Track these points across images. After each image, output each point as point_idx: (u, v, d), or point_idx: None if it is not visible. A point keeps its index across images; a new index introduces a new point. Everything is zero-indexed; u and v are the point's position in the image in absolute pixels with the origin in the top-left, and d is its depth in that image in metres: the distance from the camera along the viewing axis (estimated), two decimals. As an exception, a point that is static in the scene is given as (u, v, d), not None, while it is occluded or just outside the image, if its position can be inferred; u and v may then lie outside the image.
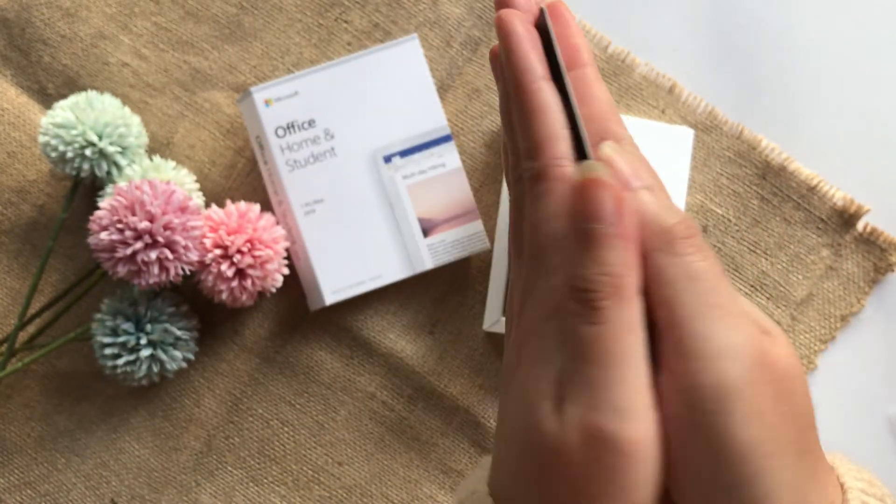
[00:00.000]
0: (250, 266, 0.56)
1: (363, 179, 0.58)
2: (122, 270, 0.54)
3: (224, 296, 0.57)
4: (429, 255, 0.58)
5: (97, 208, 0.57)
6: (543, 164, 0.32)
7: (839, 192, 0.62)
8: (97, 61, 0.63)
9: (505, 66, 0.37)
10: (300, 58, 0.63)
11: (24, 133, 0.63)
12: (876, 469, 0.63)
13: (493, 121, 0.63)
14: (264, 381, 0.62)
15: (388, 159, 0.58)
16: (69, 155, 0.57)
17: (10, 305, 0.62)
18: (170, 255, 0.54)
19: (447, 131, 0.59)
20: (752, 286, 0.62)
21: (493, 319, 0.59)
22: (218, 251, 0.56)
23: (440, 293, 0.62)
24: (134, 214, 0.54)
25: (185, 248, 0.55)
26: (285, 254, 0.58)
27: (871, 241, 0.62)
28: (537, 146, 0.32)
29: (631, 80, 0.63)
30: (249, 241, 0.56)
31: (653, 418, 0.27)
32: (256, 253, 0.56)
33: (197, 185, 0.61)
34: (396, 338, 0.62)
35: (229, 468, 0.62)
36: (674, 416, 0.27)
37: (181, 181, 0.60)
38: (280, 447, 0.62)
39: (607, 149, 0.32)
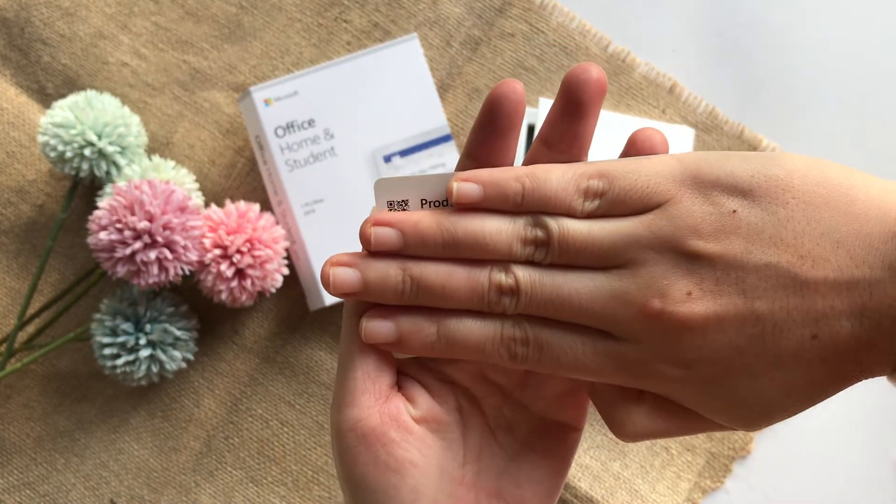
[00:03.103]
0: (250, 266, 0.56)
1: (363, 179, 0.58)
2: (121, 270, 0.54)
3: (224, 296, 0.57)
4: (429, 254, 0.58)
5: (96, 208, 0.57)
6: None
7: (839, 191, 0.62)
8: (96, 61, 0.63)
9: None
10: (300, 57, 0.63)
11: (24, 133, 0.63)
12: None
13: (493, 120, 0.63)
14: (264, 381, 0.62)
15: (387, 159, 0.58)
16: (68, 155, 0.57)
17: (10, 305, 0.62)
18: (169, 255, 0.54)
19: (447, 131, 0.59)
20: (752, 286, 0.62)
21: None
22: (217, 251, 0.56)
23: (440, 293, 0.62)
24: (133, 214, 0.53)
25: (185, 247, 0.55)
26: (285, 254, 0.58)
27: (871, 241, 0.62)
28: None
29: (631, 80, 0.63)
30: (249, 241, 0.56)
31: (371, 404, 0.33)
32: (256, 253, 0.56)
33: (196, 185, 0.61)
34: (396, 338, 0.62)
35: (229, 469, 0.62)
36: None
37: (181, 181, 0.59)
38: (280, 447, 0.62)
39: None
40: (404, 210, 0.33)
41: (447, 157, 0.58)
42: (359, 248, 0.35)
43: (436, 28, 0.63)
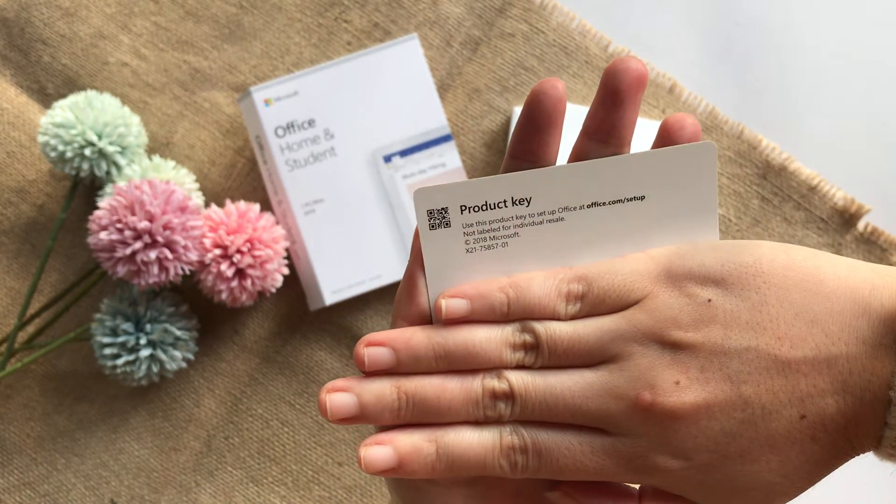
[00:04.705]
0: (250, 266, 0.56)
1: (363, 179, 0.58)
2: (121, 270, 0.54)
3: (224, 296, 0.57)
4: (429, 254, 0.58)
5: (96, 208, 0.57)
6: None
7: (840, 191, 0.62)
8: (96, 61, 0.63)
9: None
10: (300, 58, 0.63)
11: (24, 133, 0.63)
12: None
13: (493, 120, 0.63)
14: (264, 381, 0.62)
15: (387, 159, 0.58)
16: (68, 154, 0.57)
17: (10, 305, 0.62)
18: (169, 255, 0.54)
19: (447, 131, 0.59)
20: (752, 286, 0.62)
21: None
22: (218, 251, 0.56)
23: (440, 293, 0.62)
24: (133, 214, 0.53)
25: (185, 247, 0.55)
26: (285, 254, 0.58)
27: (871, 241, 0.62)
28: None
29: (631, 80, 0.63)
30: (249, 240, 0.56)
31: None
32: (256, 253, 0.56)
33: (197, 185, 0.61)
34: (396, 338, 0.62)
35: (229, 468, 0.62)
36: None
37: (181, 181, 0.59)
38: (280, 447, 0.62)
39: None
40: (445, 218, 0.33)
41: (447, 157, 0.58)
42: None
43: (436, 28, 0.63)
